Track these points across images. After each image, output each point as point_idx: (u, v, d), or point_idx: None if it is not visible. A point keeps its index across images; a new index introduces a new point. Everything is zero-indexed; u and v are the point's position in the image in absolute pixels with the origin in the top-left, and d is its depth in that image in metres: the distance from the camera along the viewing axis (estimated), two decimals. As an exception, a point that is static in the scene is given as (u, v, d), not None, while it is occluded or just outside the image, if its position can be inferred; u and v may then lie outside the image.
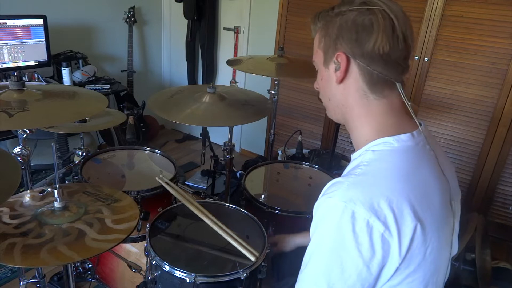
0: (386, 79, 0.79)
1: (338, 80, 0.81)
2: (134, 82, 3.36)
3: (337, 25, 0.79)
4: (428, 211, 0.75)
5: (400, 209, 0.71)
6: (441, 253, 0.81)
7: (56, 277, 1.90)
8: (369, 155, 0.78)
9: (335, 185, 0.75)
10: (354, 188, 0.72)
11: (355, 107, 0.83)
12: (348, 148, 2.92)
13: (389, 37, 0.75)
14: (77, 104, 1.30)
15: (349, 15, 0.77)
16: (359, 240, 0.69)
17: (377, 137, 0.80)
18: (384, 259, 0.71)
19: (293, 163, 1.94)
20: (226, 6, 3.41)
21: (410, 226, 0.71)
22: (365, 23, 0.76)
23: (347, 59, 0.79)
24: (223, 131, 1.88)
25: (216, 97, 1.64)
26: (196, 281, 1.11)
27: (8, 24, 2.42)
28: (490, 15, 2.28)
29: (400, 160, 0.76)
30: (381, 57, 0.77)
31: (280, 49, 2.17)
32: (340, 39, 0.78)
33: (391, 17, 0.75)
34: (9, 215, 1.06)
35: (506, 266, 2.22)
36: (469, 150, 2.54)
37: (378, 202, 0.70)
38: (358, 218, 0.69)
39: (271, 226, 1.52)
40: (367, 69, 0.78)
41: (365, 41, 0.76)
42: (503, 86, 2.34)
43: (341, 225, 0.70)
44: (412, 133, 0.80)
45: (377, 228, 0.69)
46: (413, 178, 0.76)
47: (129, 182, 1.67)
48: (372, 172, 0.75)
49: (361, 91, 0.81)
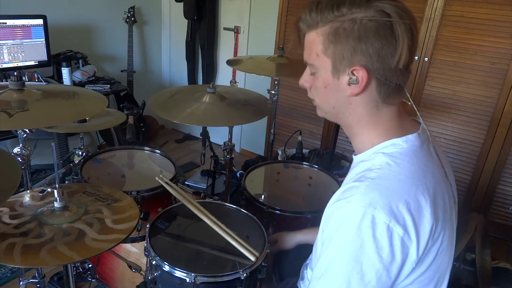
0: (399, 87, 0.77)
1: (354, 93, 0.77)
2: (134, 82, 3.36)
3: (354, 35, 0.72)
4: (440, 210, 0.75)
5: (418, 211, 0.71)
6: (449, 251, 0.81)
7: (56, 277, 1.90)
8: (381, 158, 0.77)
9: (351, 189, 0.74)
10: (372, 192, 0.71)
11: (364, 117, 0.80)
12: (348, 148, 2.92)
13: (410, 50, 0.73)
14: (77, 104, 1.30)
15: (369, 25, 0.71)
16: (380, 245, 0.69)
17: (385, 139, 0.79)
18: (403, 262, 0.71)
19: (293, 163, 1.94)
20: (226, 6, 3.41)
21: (428, 227, 0.71)
22: (388, 37, 0.71)
23: (368, 75, 0.74)
24: (223, 131, 1.88)
25: (216, 97, 1.64)
26: (196, 281, 1.11)
27: (8, 24, 2.41)
28: (490, 15, 2.28)
29: (412, 161, 0.76)
30: (401, 70, 0.75)
31: (280, 49, 2.16)
32: (358, 52, 0.73)
33: (411, 29, 0.72)
34: (9, 215, 1.06)
35: (506, 266, 2.22)
36: (469, 150, 2.54)
37: (397, 205, 0.70)
38: (378, 222, 0.68)
39: (271, 226, 1.52)
40: (385, 83, 0.75)
41: (389, 57, 0.72)
42: (503, 86, 2.34)
43: (361, 230, 0.69)
44: (418, 132, 0.80)
45: (397, 232, 0.69)
46: (425, 177, 0.76)
47: (129, 182, 1.67)
48: (387, 175, 0.74)
49: (374, 103, 0.78)
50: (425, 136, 0.81)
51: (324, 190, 1.75)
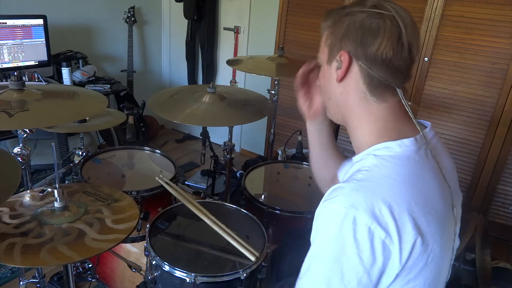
0: (386, 83, 0.78)
1: (339, 78, 0.81)
2: (134, 82, 3.36)
3: (345, 24, 0.79)
4: (430, 219, 0.74)
5: (401, 217, 0.70)
6: (443, 258, 0.80)
7: (56, 277, 1.90)
8: (371, 159, 0.77)
9: (336, 190, 0.74)
10: (356, 194, 0.71)
11: (355, 108, 0.83)
12: (348, 148, 2.92)
13: (394, 43, 0.75)
14: (77, 104, 1.30)
15: (358, 16, 0.77)
16: (360, 246, 0.69)
17: (379, 142, 0.79)
18: (384, 266, 0.70)
19: (293, 163, 1.94)
20: (226, 6, 3.41)
21: (411, 235, 0.71)
22: (372, 26, 0.76)
23: (350, 59, 0.79)
24: (223, 131, 1.88)
25: (216, 97, 1.64)
26: (196, 281, 1.11)
27: (8, 24, 2.41)
28: (490, 15, 2.28)
29: (403, 166, 0.76)
30: (383, 62, 0.76)
31: (280, 49, 2.17)
32: (345, 38, 0.79)
33: (399, 25, 0.75)
34: (9, 215, 1.06)
35: (506, 266, 2.22)
36: (469, 150, 2.54)
37: (380, 208, 0.69)
38: (359, 224, 0.68)
39: (271, 226, 1.52)
40: (368, 72, 0.78)
41: (369, 44, 0.76)
42: (503, 86, 2.34)
43: (342, 231, 0.69)
44: (416, 137, 0.79)
45: (378, 235, 0.68)
46: (415, 184, 0.75)
47: (129, 182, 1.67)
48: (373, 177, 0.74)
49: (361, 93, 0.81)
50: (421, 142, 0.80)
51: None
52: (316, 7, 2.81)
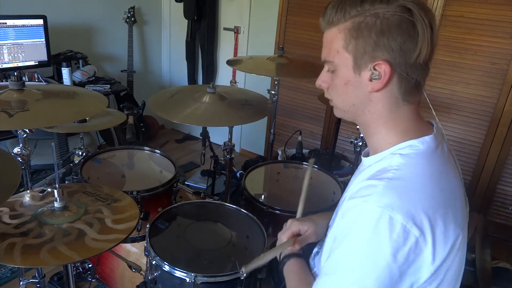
0: (418, 84, 0.77)
1: (375, 89, 0.76)
2: (134, 82, 3.36)
3: (377, 29, 0.72)
4: (458, 216, 0.75)
5: (435, 216, 0.71)
6: (463, 254, 0.81)
7: (56, 277, 1.90)
8: (397, 159, 0.76)
9: (368, 188, 0.73)
10: (390, 193, 0.71)
11: (384, 114, 0.79)
12: (348, 148, 2.92)
13: (429, 46, 0.73)
14: (77, 104, 1.30)
15: (391, 20, 0.71)
16: (396, 246, 0.68)
17: (402, 140, 0.78)
18: (415, 263, 0.71)
19: (293, 163, 1.94)
20: (226, 6, 3.41)
21: (442, 234, 0.71)
22: (410, 32, 0.71)
23: (391, 70, 0.74)
24: (223, 131, 1.87)
25: (216, 97, 1.64)
26: (196, 281, 1.11)
27: (8, 24, 2.41)
28: (490, 15, 2.28)
29: (429, 164, 0.76)
30: (421, 66, 0.75)
31: (280, 49, 2.17)
32: (381, 46, 0.72)
33: (432, 26, 0.72)
34: (9, 215, 1.06)
35: (506, 266, 2.22)
36: (469, 150, 2.54)
37: (415, 208, 0.70)
38: (395, 224, 0.68)
39: (271, 226, 1.52)
40: (406, 78, 0.75)
41: (410, 51, 0.72)
42: (503, 86, 2.34)
43: (378, 231, 0.69)
44: (434, 134, 0.80)
45: (413, 233, 0.69)
46: (442, 182, 0.76)
47: (129, 182, 1.67)
48: (404, 177, 0.74)
49: (394, 99, 0.77)
50: (439, 138, 0.81)
51: (324, 190, 1.75)
52: (316, 7, 2.81)
